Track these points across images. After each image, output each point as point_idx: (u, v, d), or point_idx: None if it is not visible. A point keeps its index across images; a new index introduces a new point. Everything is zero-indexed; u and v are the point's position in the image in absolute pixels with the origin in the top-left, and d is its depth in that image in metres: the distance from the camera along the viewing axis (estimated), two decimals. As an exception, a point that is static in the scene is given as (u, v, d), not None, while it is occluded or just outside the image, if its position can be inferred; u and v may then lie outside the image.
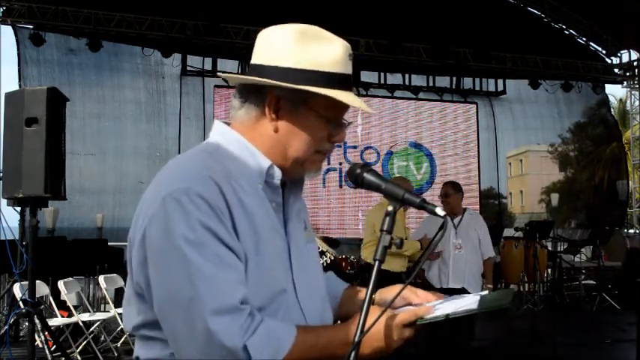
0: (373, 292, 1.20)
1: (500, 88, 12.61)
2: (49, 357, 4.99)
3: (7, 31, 9.65)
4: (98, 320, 6.28)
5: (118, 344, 6.49)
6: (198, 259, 1.16)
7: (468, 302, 1.29)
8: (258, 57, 1.34)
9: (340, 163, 10.87)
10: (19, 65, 9.62)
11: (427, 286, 5.03)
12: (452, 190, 5.33)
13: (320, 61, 1.30)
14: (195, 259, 1.16)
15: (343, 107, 1.34)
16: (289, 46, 1.31)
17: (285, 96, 1.31)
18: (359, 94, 9.69)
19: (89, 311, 6.86)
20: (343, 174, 10.80)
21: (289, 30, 1.33)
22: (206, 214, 1.18)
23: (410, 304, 1.42)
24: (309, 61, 1.29)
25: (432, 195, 10.51)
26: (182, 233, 1.17)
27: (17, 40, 9.63)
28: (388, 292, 1.47)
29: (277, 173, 1.34)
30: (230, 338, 1.14)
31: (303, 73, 1.29)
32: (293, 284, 1.34)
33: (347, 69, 1.33)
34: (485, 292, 1.32)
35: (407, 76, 11.84)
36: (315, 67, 1.29)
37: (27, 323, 4.66)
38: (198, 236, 1.17)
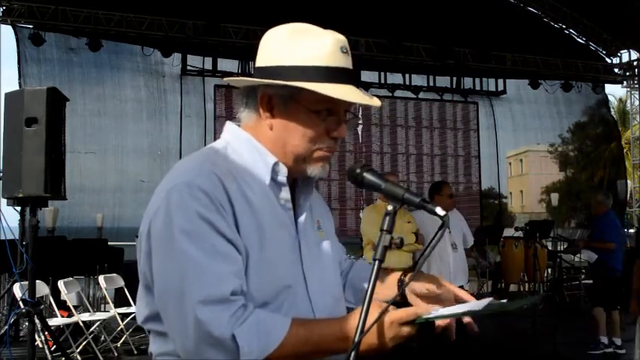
0: (373, 291, 1.19)
1: (500, 87, 12.60)
2: (49, 357, 4.99)
3: (7, 31, 9.65)
4: (98, 320, 6.27)
5: (118, 344, 6.48)
6: (192, 249, 1.18)
7: (471, 305, 1.28)
8: (258, 60, 1.36)
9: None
10: (18, 63, 9.57)
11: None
12: (453, 191, 5.46)
13: (307, 56, 1.29)
14: (188, 249, 1.18)
15: (338, 101, 1.30)
16: (280, 44, 1.32)
17: (275, 94, 1.32)
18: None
19: (89, 311, 6.86)
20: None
21: (282, 30, 1.35)
22: (205, 207, 1.20)
23: (434, 295, 1.43)
24: (297, 57, 1.30)
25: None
26: (180, 224, 1.19)
27: (17, 40, 9.61)
28: (389, 290, 1.46)
29: (283, 170, 1.34)
30: (218, 328, 1.16)
31: (290, 69, 1.29)
32: (304, 279, 1.34)
33: (339, 62, 1.31)
34: (491, 299, 1.30)
35: (407, 75, 11.82)
36: (301, 62, 1.29)
37: (27, 323, 4.66)
38: (194, 227, 1.19)
